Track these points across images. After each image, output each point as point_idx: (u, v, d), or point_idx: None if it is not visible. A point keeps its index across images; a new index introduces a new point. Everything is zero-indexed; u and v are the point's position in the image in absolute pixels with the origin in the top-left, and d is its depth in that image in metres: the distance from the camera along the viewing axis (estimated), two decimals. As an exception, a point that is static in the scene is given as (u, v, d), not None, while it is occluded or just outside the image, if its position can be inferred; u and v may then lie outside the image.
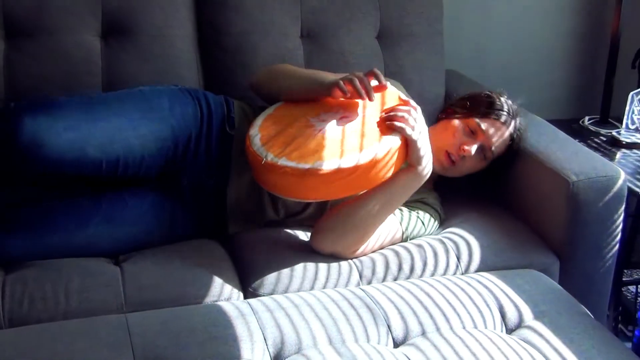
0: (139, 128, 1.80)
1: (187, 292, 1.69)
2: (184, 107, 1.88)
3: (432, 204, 1.97)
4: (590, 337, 1.54)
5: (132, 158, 1.79)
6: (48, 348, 1.44)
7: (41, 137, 1.67)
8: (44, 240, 1.75)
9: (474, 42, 2.65)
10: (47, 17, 2.07)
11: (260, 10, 2.18)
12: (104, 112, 1.79)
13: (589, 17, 2.74)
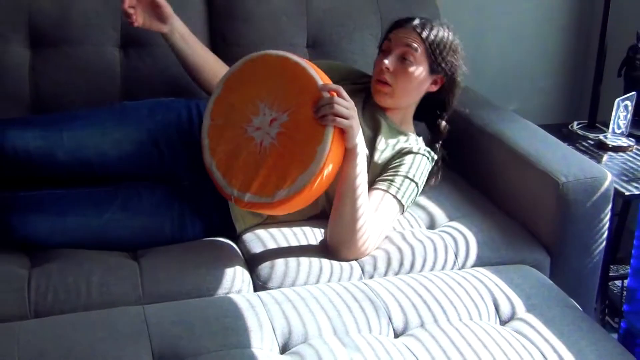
0: (112, 134, 1.86)
1: (200, 285, 1.69)
2: (165, 114, 1.92)
3: (416, 150, 1.89)
4: (579, 328, 1.54)
5: (109, 160, 1.86)
6: (70, 338, 1.45)
7: (15, 145, 1.77)
8: (65, 222, 1.76)
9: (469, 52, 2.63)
10: (70, 28, 2.08)
11: (269, 22, 2.19)
12: (75, 123, 1.86)
13: (577, 30, 2.75)
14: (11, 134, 1.77)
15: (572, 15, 2.72)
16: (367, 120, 1.93)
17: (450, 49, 1.93)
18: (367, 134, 1.87)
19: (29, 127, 1.81)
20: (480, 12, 2.63)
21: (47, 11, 2.07)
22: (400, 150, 1.89)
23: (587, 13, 2.71)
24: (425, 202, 2.04)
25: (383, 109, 1.95)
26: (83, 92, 2.08)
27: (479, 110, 2.27)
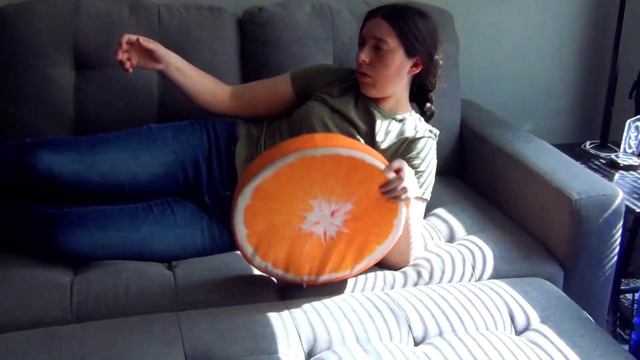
0: (142, 157, 1.87)
1: (230, 294, 1.69)
2: (188, 135, 1.93)
3: (420, 135, 1.87)
4: (591, 339, 1.53)
5: (139, 182, 1.86)
6: (109, 342, 1.46)
7: (51, 168, 1.76)
8: (106, 236, 1.77)
9: (487, 75, 2.65)
10: (111, 51, 2.07)
11: (297, 46, 2.19)
12: (107, 147, 1.86)
13: (590, 53, 2.73)
14: (46, 157, 1.76)
15: (585, 39, 2.71)
16: (360, 114, 1.90)
17: (424, 30, 1.84)
18: (363, 129, 1.88)
19: (64, 150, 1.81)
20: (497, 37, 2.63)
21: (91, 36, 2.09)
22: (405, 139, 1.86)
23: (599, 37, 2.70)
24: (445, 216, 2.04)
25: (374, 100, 1.90)
26: (123, 111, 2.09)
27: (496, 130, 2.27)
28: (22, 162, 1.76)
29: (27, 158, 1.76)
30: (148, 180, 1.86)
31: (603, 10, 2.67)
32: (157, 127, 1.94)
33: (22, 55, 2.06)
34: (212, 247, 1.86)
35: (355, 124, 1.88)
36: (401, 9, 1.86)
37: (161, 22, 2.13)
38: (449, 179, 2.30)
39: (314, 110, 1.89)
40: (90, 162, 1.81)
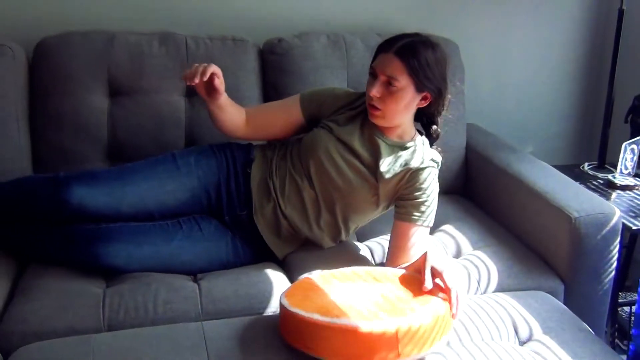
0: (168, 186, 1.86)
1: (252, 305, 1.69)
2: (208, 159, 1.92)
3: (424, 165, 1.81)
4: (591, 350, 1.52)
5: (166, 208, 1.86)
6: (138, 349, 1.46)
7: (84, 202, 1.76)
8: (140, 250, 1.77)
9: (491, 101, 2.65)
10: (143, 80, 2.11)
11: (313, 74, 2.20)
12: (135, 177, 1.85)
13: (588, 80, 2.73)
14: (79, 192, 1.76)
15: (583, 67, 2.70)
16: (365, 145, 1.84)
17: (434, 66, 1.76)
18: (366, 160, 1.83)
19: (96, 183, 1.80)
20: (500, 65, 2.63)
21: (124, 65, 2.10)
22: (408, 169, 1.80)
23: (596, 66, 2.70)
24: (452, 232, 2.04)
25: (380, 129, 1.84)
26: (152, 135, 2.10)
27: (500, 152, 2.26)
28: (57, 196, 1.76)
29: (61, 192, 1.76)
30: (175, 205, 1.87)
31: (600, 41, 2.67)
32: (180, 154, 1.92)
33: (61, 82, 2.07)
34: (236, 260, 1.87)
35: (359, 155, 1.83)
36: (413, 45, 1.75)
37: (189, 52, 2.15)
38: (455, 198, 2.29)
39: (319, 140, 1.86)
40: (120, 194, 1.81)
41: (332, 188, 1.84)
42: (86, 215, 1.77)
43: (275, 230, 1.89)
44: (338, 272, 1.65)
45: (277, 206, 1.87)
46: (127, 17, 2.26)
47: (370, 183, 1.82)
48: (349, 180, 1.82)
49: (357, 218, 1.90)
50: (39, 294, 1.68)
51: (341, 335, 1.39)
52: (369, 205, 1.86)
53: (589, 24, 2.65)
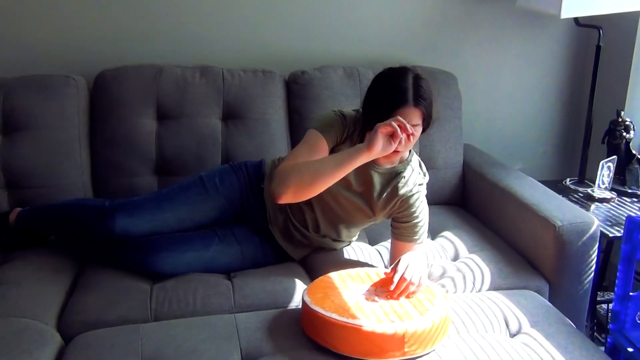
0: (201, 208, 1.84)
1: (277, 299, 1.69)
2: (231, 177, 1.88)
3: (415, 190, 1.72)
4: (573, 342, 1.49)
5: (201, 225, 1.84)
6: (180, 337, 1.46)
7: (128, 230, 1.77)
8: (184, 256, 1.77)
9: (485, 124, 2.64)
10: (186, 106, 2.12)
11: (331, 101, 2.20)
12: (171, 204, 1.83)
13: (570, 107, 2.70)
14: (122, 222, 1.75)
15: (565, 95, 2.68)
16: (359, 177, 1.73)
17: (433, 102, 1.65)
18: (360, 191, 1.74)
19: (138, 212, 1.78)
20: (492, 94, 2.62)
21: (170, 93, 2.12)
22: (398, 198, 1.71)
23: (577, 94, 2.68)
24: (451, 238, 2.02)
25: (374, 161, 1.67)
26: (194, 153, 2.10)
27: (492, 169, 2.24)
28: (103, 227, 1.76)
29: (107, 223, 1.76)
30: (207, 222, 1.85)
31: (580, 73, 2.65)
32: (207, 176, 1.87)
33: (117, 108, 2.09)
34: (263, 261, 1.86)
35: (354, 188, 1.74)
36: (425, 90, 1.61)
37: (225, 82, 2.16)
38: (453, 208, 2.27)
39: None
40: (160, 221, 1.80)
41: (331, 213, 1.81)
42: (127, 240, 1.77)
43: (288, 238, 1.88)
44: (353, 272, 1.64)
45: (287, 218, 1.86)
46: (173, 53, 2.28)
47: (364, 212, 1.77)
48: (345, 208, 1.78)
49: (357, 230, 1.89)
50: (96, 289, 1.69)
51: (355, 334, 1.39)
52: (366, 222, 1.84)
53: (570, 58, 2.64)
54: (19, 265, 1.78)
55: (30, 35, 2.20)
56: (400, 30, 2.44)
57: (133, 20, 2.25)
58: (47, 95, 2.04)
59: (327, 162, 1.61)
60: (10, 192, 2.00)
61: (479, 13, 2.49)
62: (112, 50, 2.25)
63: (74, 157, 2.05)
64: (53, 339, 1.49)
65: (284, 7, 2.34)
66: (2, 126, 2.01)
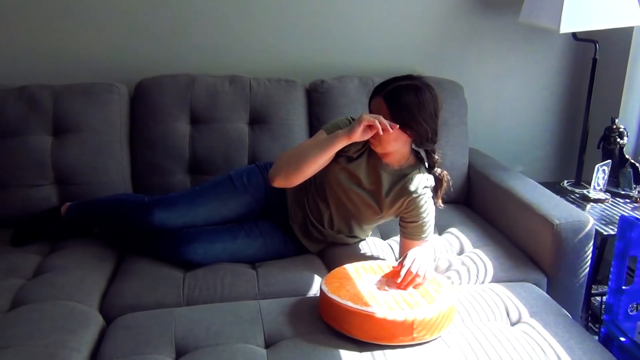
0: (229, 204, 1.84)
1: (297, 288, 1.68)
2: (257, 177, 1.87)
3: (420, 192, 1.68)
4: (569, 331, 1.47)
5: (229, 220, 1.84)
6: (209, 320, 1.47)
7: (165, 223, 1.78)
8: (213, 247, 1.77)
9: (489, 130, 2.61)
10: (216, 112, 2.12)
11: (348, 108, 2.19)
12: (203, 200, 1.82)
13: (567, 114, 2.67)
14: (160, 215, 1.77)
15: (564, 103, 2.65)
16: (370, 175, 1.73)
17: (415, 109, 1.60)
18: (370, 189, 1.73)
19: (173, 207, 1.79)
20: (496, 102, 2.59)
21: (202, 100, 2.12)
22: (405, 198, 1.69)
23: (574, 102, 2.64)
24: (457, 234, 2.00)
25: (383, 157, 1.70)
26: (224, 154, 2.10)
27: (495, 171, 2.22)
28: (143, 220, 1.78)
29: (146, 216, 1.77)
30: (235, 217, 1.85)
31: (577, 83, 2.61)
32: (235, 175, 1.87)
33: (154, 113, 2.10)
34: (285, 252, 1.85)
35: (364, 185, 1.73)
36: (397, 91, 1.60)
37: (251, 90, 2.16)
38: (459, 207, 2.25)
39: (332, 172, 1.75)
40: (193, 215, 1.80)
41: (344, 209, 1.80)
42: (164, 231, 1.78)
43: (306, 233, 1.87)
44: (366, 264, 1.63)
45: (306, 215, 1.85)
46: (205, 63, 2.29)
47: (373, 209, 1.76)
48: (356, 204, 1.77)
49: (368, 227, 1.87)
50: (134, 276, 1.70)
51: (369, 321, 1.38)
52: (376, 220, 1.82)
53: (568, 70, 2.60)
54: (66, 253, 1.80)
55: (78, 47, 2.22)
56: (410, 43, 2.43)
57: (169, 35, 2.26)
58: (92, 101, 2.06)
59: (312, 146, 1.65)
60: (59, 188, 2.02)
61: (484, 27, 2.47)
62: (151, 61, 2.26)
63: (115, 157, 2.06)
64: (96, 320, 1.51)
65: (306, 23, 2.33)
66: (52, 129, 2.03)
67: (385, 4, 2.37)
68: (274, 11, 2.31)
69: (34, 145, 1.99)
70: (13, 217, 1.96)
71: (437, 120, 1.66)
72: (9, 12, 2.16)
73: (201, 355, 1.34)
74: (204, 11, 2.26)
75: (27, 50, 2.20)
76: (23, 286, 1.62)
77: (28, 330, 1.39)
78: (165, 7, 2.24)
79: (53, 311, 1.49)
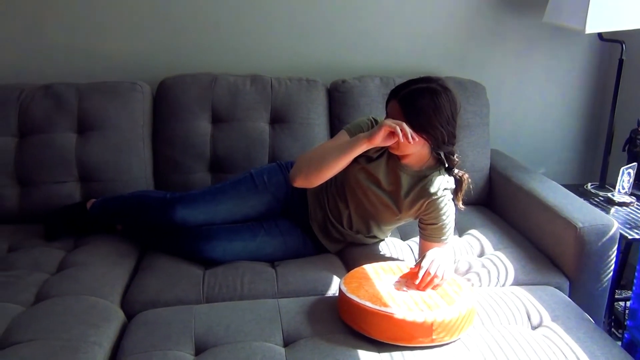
0: (250, 202, 1.84)
1: (316, 287, 1.68)
2: (278, 176, 1.88)
3: (439, 194, 1.67)
4: (591, 336, 1.45)
5: (249, 218, 1.84)
6: (228, 317, 1.47)
7: (186, 220, 1.79)
8: (232, 245, 1.78)
9: (511, 131, 2.58)
10: (237, 111, 2.13)
11: (368, 108, 2.18)
12: (224, 198, 1.83)
13: (592, 116, 2.62)
14: (181, 212, 1.78)
15: (589, 104, 2.60)
16: (389, 176, 1.73)
17: (431, 113, 1.57)
18: (389, 190, 1.73)
19: (195, 204, 1.80)
20: (518, 102, 2.56)
21: (223, 99, 2.13)
22: (425, 200, 1.68)
23: (599, 103, 2.59)
24: (477, 236, 1.98)
25: (401, 159, 1.70)
26: (244, 152, 2.11)
27: (517, 172, 2.19)
28: (165, 215, 1.79)
29: (168, 212, 1.79)
30: (254, 215, 1.86)
31: (603, 84, 2.57)
32: (256, 173, 1.87)
33: (176, 112, 2.12)
34: (304, 251, 1.86)
35: (383, 186, 1.73)
36: (413, 95, 1.58)
37: (273, 89, 2.17)
38: (481, 208, 2.23)
39: (352, 172, 1.76)
40: (213, 212, 1.81)
41: (362, 209, 1.80)
42: (184, 227, 1.80)
43: (325, 233, 1.87)
44: (385, 264, 1.63)
45: (326, 215, 1.85)
46: (227, 63, 2.30)
47: (392, 210, 1.75)
48: (374, 204, 1.76)
49: (387, 228, 1.86)
50: (155, 272, 1.72)
51: (386, 321, 1.37)
52: (393, 220, 1.80)
53: (593, 70, 2.56)
54: (89, 249, 1.83)
55: (103, 47, 2.26)
56: (432, 43, 2.41)
57: (192, 34, 2.28)
58: (116, 99, 2.08)
59: (333, 149, 1.65)
60: (83, 185, 2.05)
61: (507, 27, 2.44)
62: (174, 60, 2.28)
63: (138, 154, 2.08)
64: (117, 316, 1.53)
65: (327, 23, 2.34)
66: (77, 126, 2.07)
67: (409, 4, 2.36)
68: (296, 11, 2.31)
69: (58, 143, 2.02)
70: (37, 213, 2.00)
71: (455, 124, 1.65)
72: (37, 13, 2.20)
73: (220, 352, 1.35)
74: (226, 11, 2.27)
75: (53, 50, 2.24)
76: (47, 281, 1.65)
77: (52, 324, 1.42)
78: (188, 8, 2.26)
79: (76, 306, 1.51)
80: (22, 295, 1.56)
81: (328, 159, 1.64)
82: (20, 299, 1.55)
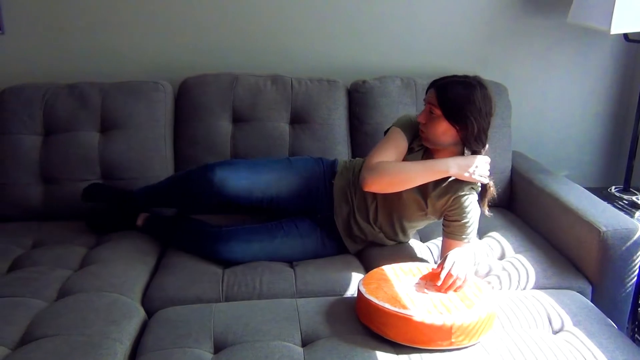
0: (285, 178, 1.87)
1: (335, 287, 1.68)
2: (311, 167, 1.91)
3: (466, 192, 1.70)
4: (614, 342, 1.42)
5: (282, 196, 1.85)
6: (247, 316, 1.48)
7: (226, 180, 1.79)
8: (251, 246, 1.79)
9: (533, 133, 2.55)
10: (257, 110, 2.14)
11: (389, 109, 2.18)
12: (264, 169, 1.86)
13: (616, 118, 2.58)
14: (221, 174, 1.78)
15: (613, 106, 2.56)
16: None
17: (463, 102, 1.65)
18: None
19: (235, 170, 1.82)
20: (541, 104, 2.53)
21: (244, 99, 2.14)
22: (451, 195, 1.70)
23: (624, 106, 2.55)
24: (498, 238, 1.96)
25: (435, 153, 1.75)
26: (265, 152, 2.12)
27: (539, 175, 2.16)
28: (204, 177, 1.80)
29: (208, 173, 1.79)
30: (287, 196, 1.86)
31: (628, 86, 2.52)
32: (294, 159, 1.95)
33: (197, 112, 2.13)
34: (323, 252, 1.86)
35: None
36: (449, 83, 1.68)
37: (293, 90, 2.17)
38: (502, 211, 2.20)
39: None
40: (254, 179, 1.83)
41: (389, 203, 1.80)
42: (226, 194, 1.79)
43: (347, 231, 1.87)
44: (405, 265, 1.62)
45: (351, 210, 1.85)
46: (248, 63, 2.31)
47: (419, 203, 1.75)
48: (402, 198, 1.77)
49: (410, 225, 1.85)
50: (176, 271, 1.73)
51: (406, 323, 1.37)
52: (419, 217, 1.80)
53: (618, 71, 2.51)
54: (110, 247, 1.85)
55: (126, 47, 2.28)
56: (453, 43, 2.39)
57: (213, 35, 2.30)
58: (139, 98, 2.11)
59: (418, 170, 1.70)
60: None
61: (530, 27, 2.41)
62: (195, 60, 2.30)
63: (160, 153, 2.10)
64: (138, 312, 1.54)
65: (348, 24, 2.33)
66: (100, 125, 2.09)
67: (430, 4, 2.35)
68: (317, 11, 2.31)
69: (82, 141, 2.05)
70: (61, 210, 2.03)
71: (488, 121, 1.70)
72: (62, 15, 2.24)
73: (239, 351, 1.35)
74: (247, 12, 2.29)
75: (78, 50, 2.27)
76: (69, 277, 1.67)
77: (73, 320, 1.44)
78: (211, 9, 2.27)
79: (97, 302, 1.53)
80: (45, 291, 1.59)
81: (413, 178, 1.69)
82: (43, 295, 1.57)
